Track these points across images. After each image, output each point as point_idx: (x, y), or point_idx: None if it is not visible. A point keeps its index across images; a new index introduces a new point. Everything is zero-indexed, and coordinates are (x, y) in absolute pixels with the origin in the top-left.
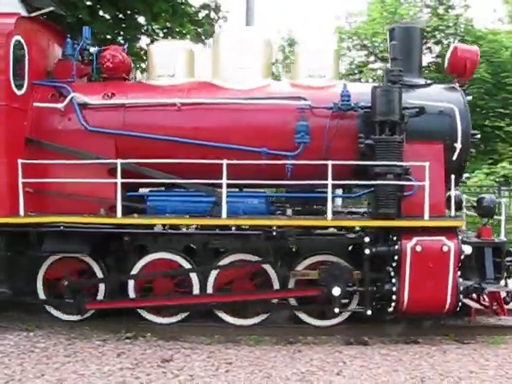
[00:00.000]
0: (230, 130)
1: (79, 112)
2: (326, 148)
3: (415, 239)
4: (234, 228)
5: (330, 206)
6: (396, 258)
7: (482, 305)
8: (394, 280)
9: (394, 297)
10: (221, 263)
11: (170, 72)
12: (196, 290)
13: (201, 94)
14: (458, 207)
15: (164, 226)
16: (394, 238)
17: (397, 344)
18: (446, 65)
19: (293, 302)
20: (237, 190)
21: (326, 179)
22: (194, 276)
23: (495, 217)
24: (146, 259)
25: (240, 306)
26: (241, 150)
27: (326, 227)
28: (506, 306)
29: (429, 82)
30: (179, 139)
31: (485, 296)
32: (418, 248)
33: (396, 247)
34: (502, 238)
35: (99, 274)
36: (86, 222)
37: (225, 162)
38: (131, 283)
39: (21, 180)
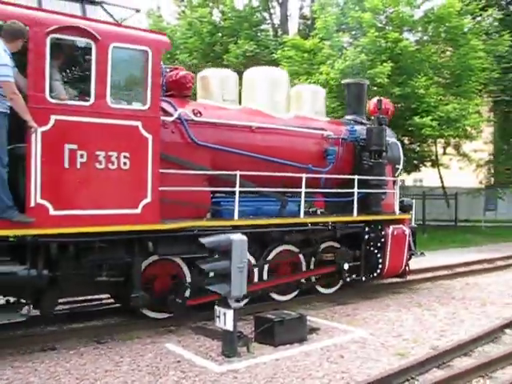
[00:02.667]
0: (287, 150)
1: (188, 127)
2: (338, 166)
3: (392, 227)
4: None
5: (356, 206)
6: (382, 240)
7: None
8: (379, 255)
9: (380, 266)
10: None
11: (232, 97)
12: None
13: (261, 119)
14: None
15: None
16: (379, 227)
17: (32, 353)
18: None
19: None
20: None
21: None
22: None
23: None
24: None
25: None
26: (295, 166)
27: (354, 221)
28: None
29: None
30: (255, 155)
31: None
32: (394, 232)
33: (382, 233)
34: (413, 224)
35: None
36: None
37: (304, 175)
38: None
39: (160, 189)
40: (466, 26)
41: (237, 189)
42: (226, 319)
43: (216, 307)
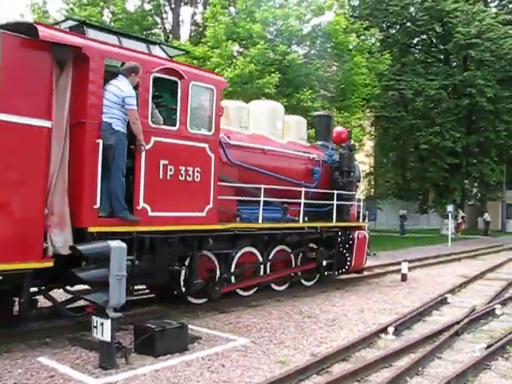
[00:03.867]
0: (287, 169)
1: (226, 149)
2: (321, 183)
3: (357, 232)
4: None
5: (335, 214)
6: (350, 242)
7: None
8: (347, 254)
9: (348, 263)
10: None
11: (246, 125)
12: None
13: (269, 143)
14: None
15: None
16: (348, 232)
17: None
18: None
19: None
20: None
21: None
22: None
23: None
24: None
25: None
26: (293, 182)
27: (333, 227)
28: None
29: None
30: (267, 172)
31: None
32: (359, 236)
33: (351, 236)
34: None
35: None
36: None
37: (303, 189)
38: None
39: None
40: (351, 43)
41: (261, 198)
42: (103, 329)
43: (93, 317)
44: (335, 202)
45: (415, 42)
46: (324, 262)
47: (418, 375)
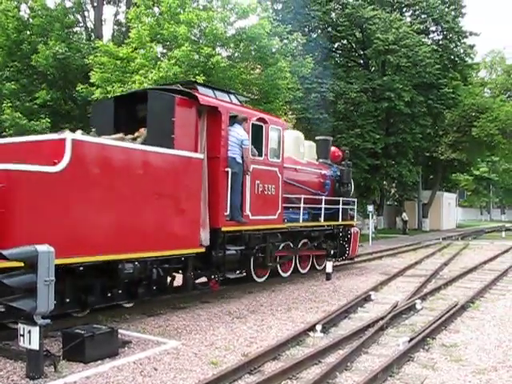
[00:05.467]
0: (309, 182)
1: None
2: (329, 192)
3: (353, 228)
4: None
5: (340, 215)
6: (349, 236)
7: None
8: (346, 245)
9: (347, 252)
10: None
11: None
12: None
13: (297, 163)
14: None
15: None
16: (347, 228)
17: None
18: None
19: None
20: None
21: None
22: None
23: None
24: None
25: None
26: (313, 192)
27: (339, 224)
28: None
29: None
30: (299, 185)
31: None
32: (355, 231)
33: (349, 231)
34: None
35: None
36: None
37: (323, 197)
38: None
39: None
40: (274, 46)
41: (301, 205)
42: (30, 337)
43: (20, 325)
44: (341, 206)
45: (336, 46)
46: (332, 251)
47: (346, 370)
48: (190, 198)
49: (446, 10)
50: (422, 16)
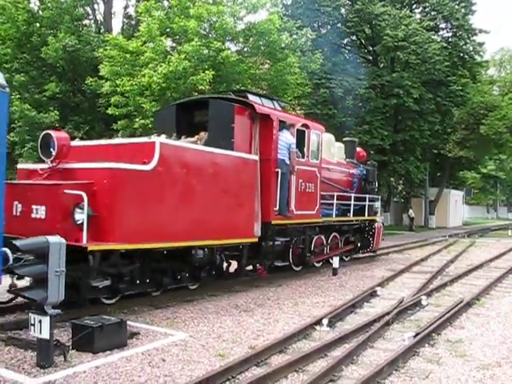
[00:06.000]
0: (339, 180)
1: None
2: (357, 190)
3: (376, 223)
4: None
5: (366, 211)
6: (373, 230)
7: None
8: (371, 239)
9: (371, 245)
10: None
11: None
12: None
13: (329, 163)
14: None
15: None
16: (372, 223)
17: None
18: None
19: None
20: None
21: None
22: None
23: None
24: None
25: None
26: (343, 189)
27: (365, 219)
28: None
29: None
30: (331, 183)
31: None
32: (378, 226)
33: (373, 226)
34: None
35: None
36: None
37: (353, 195)
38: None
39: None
40: (284, 41)
41: (334, 201)
42: (41, 327)
43: (30, 314)
44: (367, 203)
45: (345, 42)
46: (359, 244)
47: (352, 364)
48: (247, 194)
49: (456, 7)
50: (432, 13)
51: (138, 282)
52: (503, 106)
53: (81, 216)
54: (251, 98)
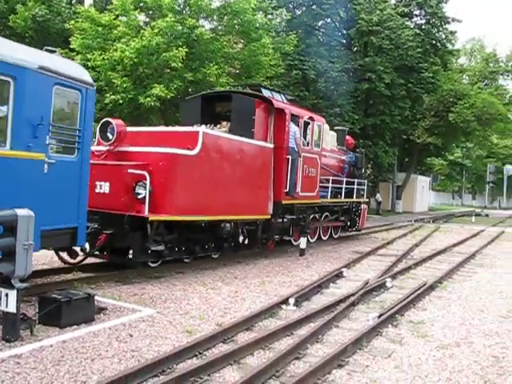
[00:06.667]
0: (333, 165)
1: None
2: (347, 174)
3: (362, 205)
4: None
5: (355, 193)
6: (359, 211)
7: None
8: (357, 219)
9: (357, 224)
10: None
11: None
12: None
13: (325, 150)
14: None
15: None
16: (358, 205)
17: None
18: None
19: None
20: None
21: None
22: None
23: None
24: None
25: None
26: (336, 174)
27: (354, 201)
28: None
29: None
30: (327, 169)
31: None
32: (364, 207)
33: (360, 207)
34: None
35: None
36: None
37: (344, 179)
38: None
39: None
40: (259, 21)
41: (330, 185)
42: (8, 300)
43: None
44: (355, 186)
45: (320, 24)
46: (348, 222)
47: (317, 342)
48: (264, 177)
49: None
50: None
51: (176, 249)
52: (472, 95)
53: (142, 191)
54: (264, 92)
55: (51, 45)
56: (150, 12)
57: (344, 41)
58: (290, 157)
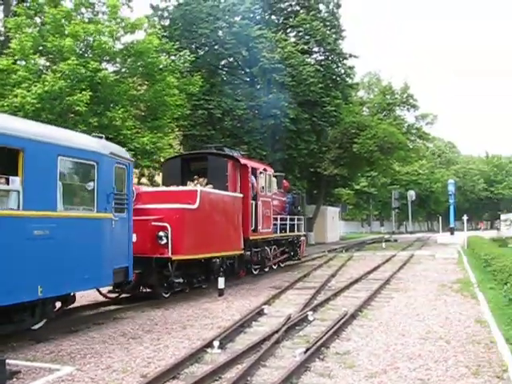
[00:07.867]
0: (278, 205)
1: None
2: (287, 213)
3: (302, 237)
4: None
5: (296, 228)
6: (300, 242)
7: None
8: (298, 249)
9: (298, 254)
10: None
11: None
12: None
13: (275, 193)
14: None
15: None
16: (298, 238)
17: None
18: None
19: None
20: None
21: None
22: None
23: None
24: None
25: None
26: (279, 212)
27: (295, 235)
28: None
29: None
30: (275, 209)
31: None
32: (302, 239)
33: (300, 239)
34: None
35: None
36: None
37: (288, 216)
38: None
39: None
40: (162, 62)
41: (278, 222)
42: None
43: None
44: (296, 222)
45: (223, 63)
46: (292, 253)
47: None
48: (237, 220)
49: (328, 32)
50: (306, 37)
51: (181, 282)
52: (373, 126)
53: (164, 238)
54: (227, 151)
55: None
56: (51, 56)
57: (248, 79)
58: (253, 202)
